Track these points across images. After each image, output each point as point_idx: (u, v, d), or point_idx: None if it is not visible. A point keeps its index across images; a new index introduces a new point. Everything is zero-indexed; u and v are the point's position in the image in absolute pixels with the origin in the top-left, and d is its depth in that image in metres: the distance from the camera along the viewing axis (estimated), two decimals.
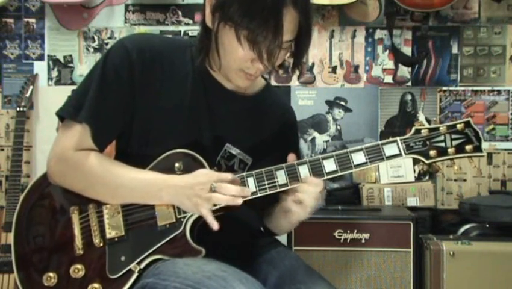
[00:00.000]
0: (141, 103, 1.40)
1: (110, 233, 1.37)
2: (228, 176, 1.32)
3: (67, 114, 1.39)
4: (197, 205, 1.30)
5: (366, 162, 1.33)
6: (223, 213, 1.33)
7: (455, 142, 1.34)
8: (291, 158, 1.36)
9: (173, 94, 1.41)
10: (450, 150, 1.34)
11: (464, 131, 1.34)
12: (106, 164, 1.38)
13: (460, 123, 1.34)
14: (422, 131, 1.35)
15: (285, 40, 1.30)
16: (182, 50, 1.44)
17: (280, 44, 1.29)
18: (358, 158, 1.34)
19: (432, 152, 1.33)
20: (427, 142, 1.34)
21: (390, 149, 1.33)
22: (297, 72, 1.47)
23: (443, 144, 1.34)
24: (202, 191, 1.29)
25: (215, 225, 1.29)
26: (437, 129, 1.35)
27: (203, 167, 1.35)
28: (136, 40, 1.43)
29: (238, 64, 1.35)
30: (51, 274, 1.39)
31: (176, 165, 1.36)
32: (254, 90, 1.52)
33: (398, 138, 1.34)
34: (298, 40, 1.34)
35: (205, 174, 1.32)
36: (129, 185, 1.35)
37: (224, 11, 1.28)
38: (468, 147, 1.33)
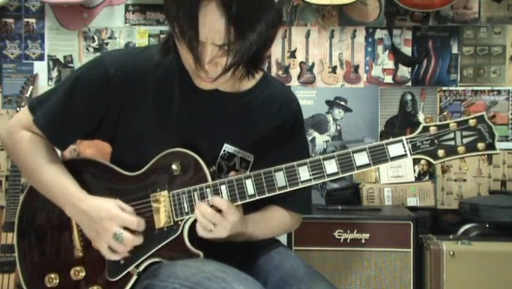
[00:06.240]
0: (125, 116, 1.39)
1: None
2: (134, 222, 1.31)
3: (30, 104, 1.44)
4: (94, 240, 1.34)
5: (369, 164, 1.25)
6: None
7: (465, 140, 1.23)
8: (232, 174, 1.35)
9: (159, 103, 1.39)
10: (460, 149, 1.23)
11: (477, 127, 1.22)
12: (39, 154, 1.41)
13: (472, 118, 1.23)
14: (430, 128, 1.23)
15: (218, 42, 1.17)
16: (165, 59, 1.35)
17: (196, 41, 1.16)
18: (361, 159, 1.25)
19: (441, 152, 1.23)
20: (436, 141, 1.23)
21: (394, 149, 1.24)
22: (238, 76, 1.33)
23: (452, 143, 1.23)
24: (104, 232, 1.31)
25: (107, 255, 1.33)
26: (447, 125, 1.23)
27: (199, 166, 1.34)
28: (116, 56, 1.42)
29: (188, 65, 1.27)
30: (52, 276, 1.40)
31: (173, 167, 1.35)
32: (247, 85, 1.44)
33: (404, 138, 1.24)
34: (230, 44, 1.18)
35: (109, 219, 1.31)
36: (45, 183, 1.39)
37: (164, 4, 1.21)
38: (480, 145, 1.22)
